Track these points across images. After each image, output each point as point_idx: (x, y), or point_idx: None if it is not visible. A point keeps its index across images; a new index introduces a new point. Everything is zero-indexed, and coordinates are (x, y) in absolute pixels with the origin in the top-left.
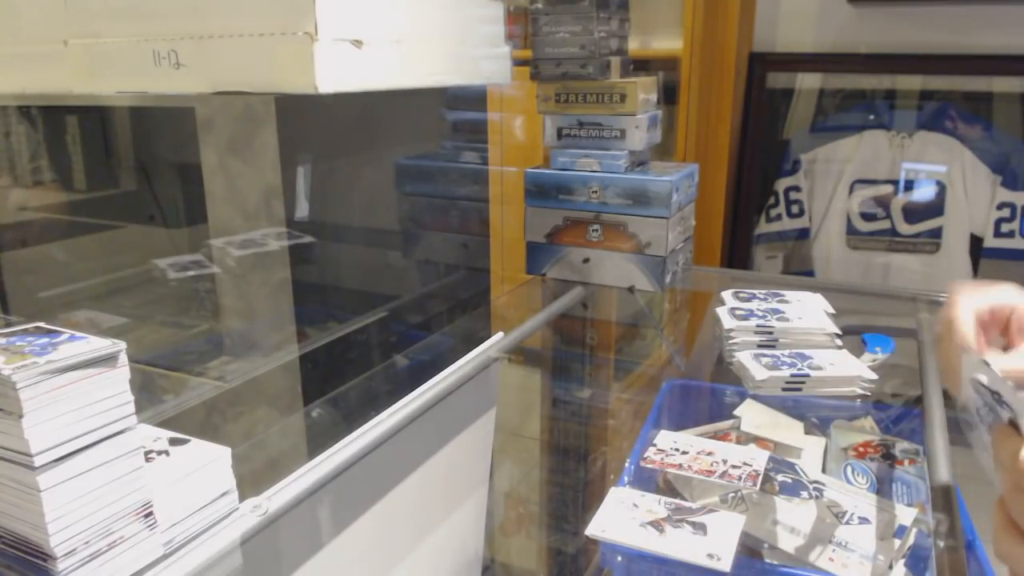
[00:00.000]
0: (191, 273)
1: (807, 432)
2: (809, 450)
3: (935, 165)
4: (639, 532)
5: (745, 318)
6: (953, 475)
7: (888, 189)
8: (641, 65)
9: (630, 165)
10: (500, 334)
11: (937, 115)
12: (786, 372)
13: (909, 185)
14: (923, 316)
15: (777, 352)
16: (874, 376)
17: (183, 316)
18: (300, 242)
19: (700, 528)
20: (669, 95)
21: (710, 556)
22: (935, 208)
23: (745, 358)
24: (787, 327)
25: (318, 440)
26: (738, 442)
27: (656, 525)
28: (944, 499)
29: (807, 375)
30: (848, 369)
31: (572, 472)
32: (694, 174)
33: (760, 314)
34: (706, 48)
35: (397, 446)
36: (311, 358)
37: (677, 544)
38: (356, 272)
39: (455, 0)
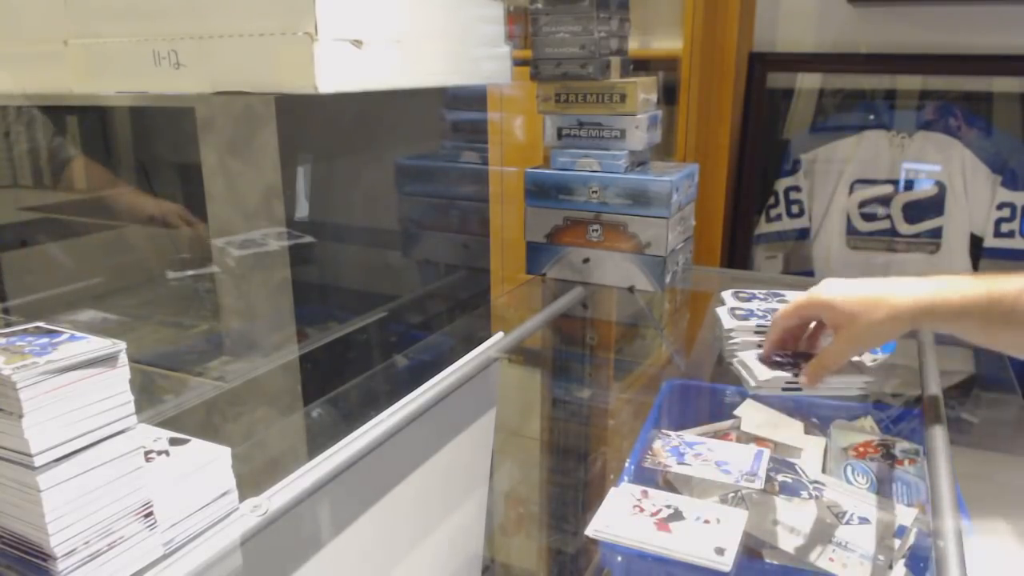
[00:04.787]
0: (190, 273)
1: (807, 432)
2: (809, 450)
3: (935, 165)
4: (639, 532)
5: (745, 318)
6: (953, 475)
7: (888, 189)
8: (641, 65)
9: (630, 165)
10: (500, 334)
11: (937, 115)
12: (788, 372)
13: (909, 185)
14: None
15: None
16: (872, 378)
17: (183, 316)
18: (300, 242)
19: (700, 528)
20: (669, 95)
21: (711, 555)
22: (935, 208)
23: (748, 357)
24: None
25: (318, 440)
26: (738, 442)
27: (656, 525)
28: (944, 499)
29: None
30: (848, 370)
31: (572, 472)
32: (694, 174)
33: (760, 314)
34: (706, 48)
35: (397, 446)
36: (311, 358)
37: (677, 544)
38: (356, 272)
39: (455, 0)
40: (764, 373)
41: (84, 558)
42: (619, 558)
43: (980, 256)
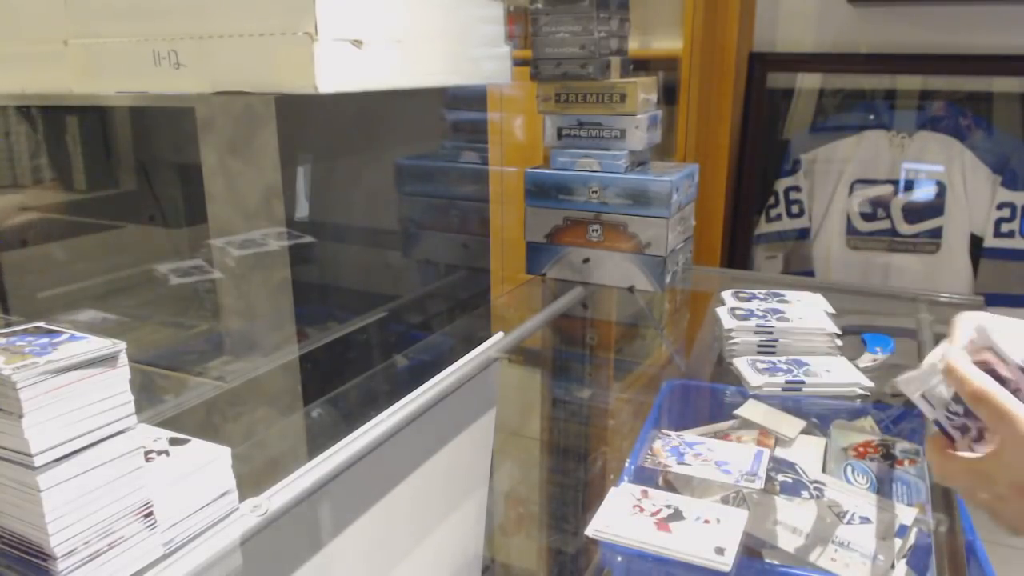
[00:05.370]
0: (192, 279)
1: (807, 432)
2: (809, 450)
3: (935, 165)
4: (639, 531)
5: (745, 318)
6: None
7: (888, 189)
8: (641, 65)
9: (630, 165)
10: (500, 334)
11: (937, 115)
12: (781, 379)
13: (909, 185)
14: (923, 316)
15: (774, 359)
16: (870, 384)
17: (183, 316)
18: (300, 242)
19: (701, 527)
20: (669, 95)
21: (711, 555)
22: (935, 208)
23: (741, 364)
24: (787, 327)
25: (318, 440)
26: (739, 442)
27: (657, 524)
28: (944, 499)
29: (802, 382)
30: (845, 377)
31: (572, 472)
32: (694, 174)
33: (760, 314)
34: (706, 48)
35: (397, 446)
36: (311, 358)
37: (678, 544)
38: (356, 272)
39: (455, 0)
40: (758, 379)
41: (84, 558)
42: (619, 558)
43: (980, 256)
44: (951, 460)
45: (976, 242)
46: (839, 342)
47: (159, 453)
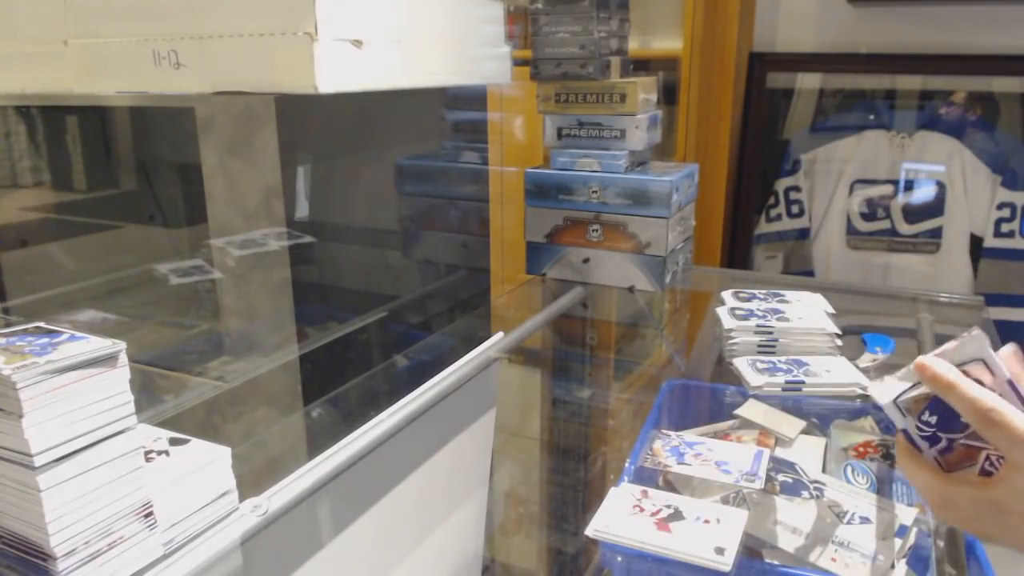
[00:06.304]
0: (192, 279)
1: (807, 432)
2: (809, 450)
3: (935, 165)
4: (639, 532)
5: (745, 318)
6: None
7: (888, 189)
8: (641, 65)
9: (630, 165)
10: (500, 334)
11: (937, 115)
12: (781, 379)
13: (909, 185)
14: (923, 316)
15: (774, 359)
16: (869, 383)
17: (183, 316)
18: (300, 242)
19: (700, 528)
20: (669, 95)
21: (711, 555)
22: (935, 208)
23: (741, 364)
24: (787, 327)
25: (318, 440)
26: (738, 442)
27: (657, 525)
28: None
29: (802, 382)
30: (845, 377)
31: (572, 472)
32: (694, 174)
33: (760, 314)
34: (706, 48)
35: (397, 446)
36: (311, 358)
37: (678, 544)
38: (356, 272)
39: (455, 0)
40: (759, 379)
41: (84, 558)
42: (619, 558)
43: (980, 256)
44: (952, 487)
45: (976, 242)
46: (839, 342)
47: (159, 453)
